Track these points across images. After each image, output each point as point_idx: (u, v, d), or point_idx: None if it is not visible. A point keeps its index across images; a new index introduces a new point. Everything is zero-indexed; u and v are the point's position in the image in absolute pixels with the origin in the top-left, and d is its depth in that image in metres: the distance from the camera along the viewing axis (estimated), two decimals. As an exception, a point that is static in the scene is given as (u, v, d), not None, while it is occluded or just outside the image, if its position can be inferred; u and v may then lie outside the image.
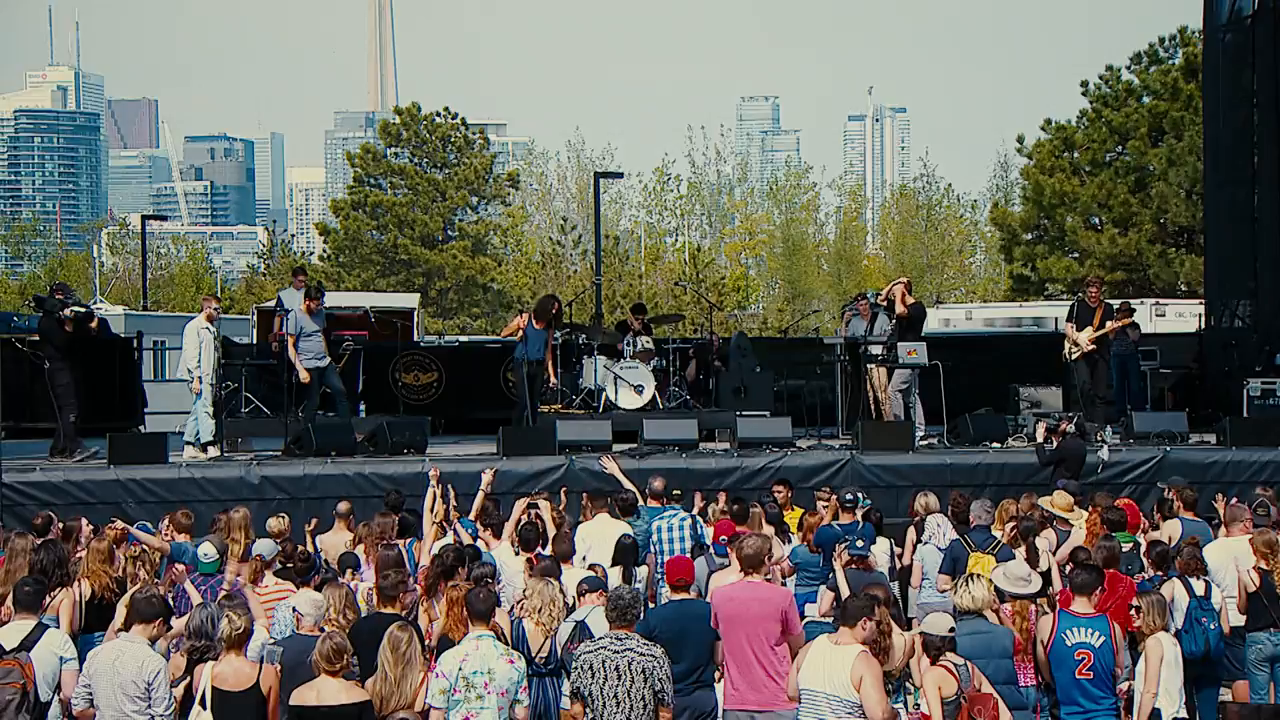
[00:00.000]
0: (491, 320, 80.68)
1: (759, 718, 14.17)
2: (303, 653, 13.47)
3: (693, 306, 63.30)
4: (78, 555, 17.97)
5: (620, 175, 70.15)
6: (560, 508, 21.20)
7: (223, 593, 16.21)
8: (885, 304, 28.18)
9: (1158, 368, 32.05)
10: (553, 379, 28.33)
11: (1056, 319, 41.75)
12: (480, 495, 19.78)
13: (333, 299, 39.91)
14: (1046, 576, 17.95)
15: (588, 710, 12.99)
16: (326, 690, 12.82)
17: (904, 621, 16.45)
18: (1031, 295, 62.13)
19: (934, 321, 50.62)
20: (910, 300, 27.68)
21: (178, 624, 15.09)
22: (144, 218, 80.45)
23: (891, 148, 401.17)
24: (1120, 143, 60.95)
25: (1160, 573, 17.34)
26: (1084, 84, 63.23)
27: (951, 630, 13.47)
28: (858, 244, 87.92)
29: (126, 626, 13.87)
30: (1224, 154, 34.45)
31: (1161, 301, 48.86)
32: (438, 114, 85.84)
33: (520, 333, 27.50)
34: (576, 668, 13.15)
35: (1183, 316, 45.46)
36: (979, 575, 14.84)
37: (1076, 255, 60.99)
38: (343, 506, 21.25)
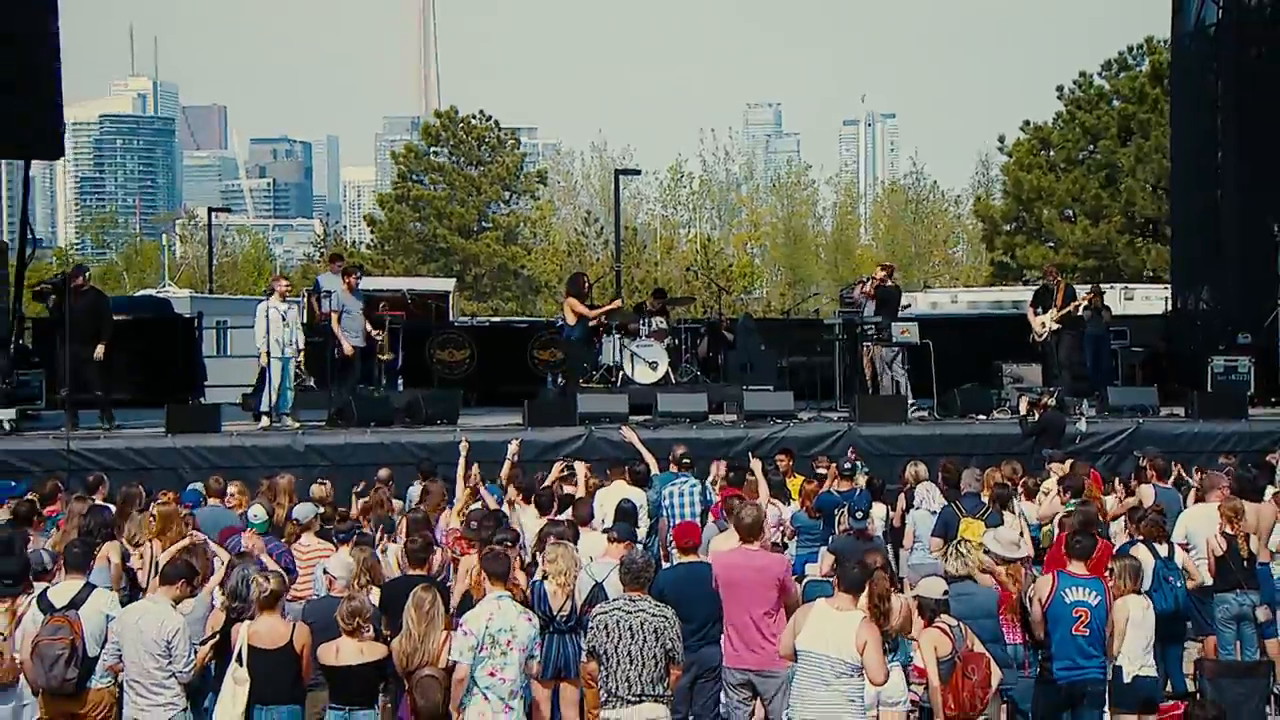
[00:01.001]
0: (521, 303, 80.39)
1: (755, 677, 13.63)
2: (332, 612, 12.84)
3: (703, 291, 62.85)
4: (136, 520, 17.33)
5: (639, 172, 69.78)
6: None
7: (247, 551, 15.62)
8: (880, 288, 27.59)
9: (1128, 346, 31.46)
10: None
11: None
12: (508, 464, 19.10)
13: (374, 283, 39.62)
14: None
15: (603, 668, 12.40)
16: (345, 649, 12.41)
17: (896, 583, 15.81)
18: (1010, 280, 61.77)
19: (923, 304, 50.48)
20: (889, 284, 27.41)
21: (210, 583, 14.46)
22: (210, 210, 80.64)
23: (881, 149, 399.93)
24: (1092, 142, 60.88)
25: (1138, 536, 16.69)
26: (1059, 89, 63.40)
27: (945, 594, 12.88)
28: (852, 235, 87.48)
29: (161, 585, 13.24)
30: (1190, 153, 34.01)
31: (1130, 286, 48.61)
32: (474, 117, 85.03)
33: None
34: (592, 628, 12.58)
35: (1149, 300, 45.15)
36: (967, 541, 14.16)
37: (1052, 244, 60.99)
38: (383, 473, 20.76)
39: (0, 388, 23.81)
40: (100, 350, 24.50)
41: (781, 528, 19.24)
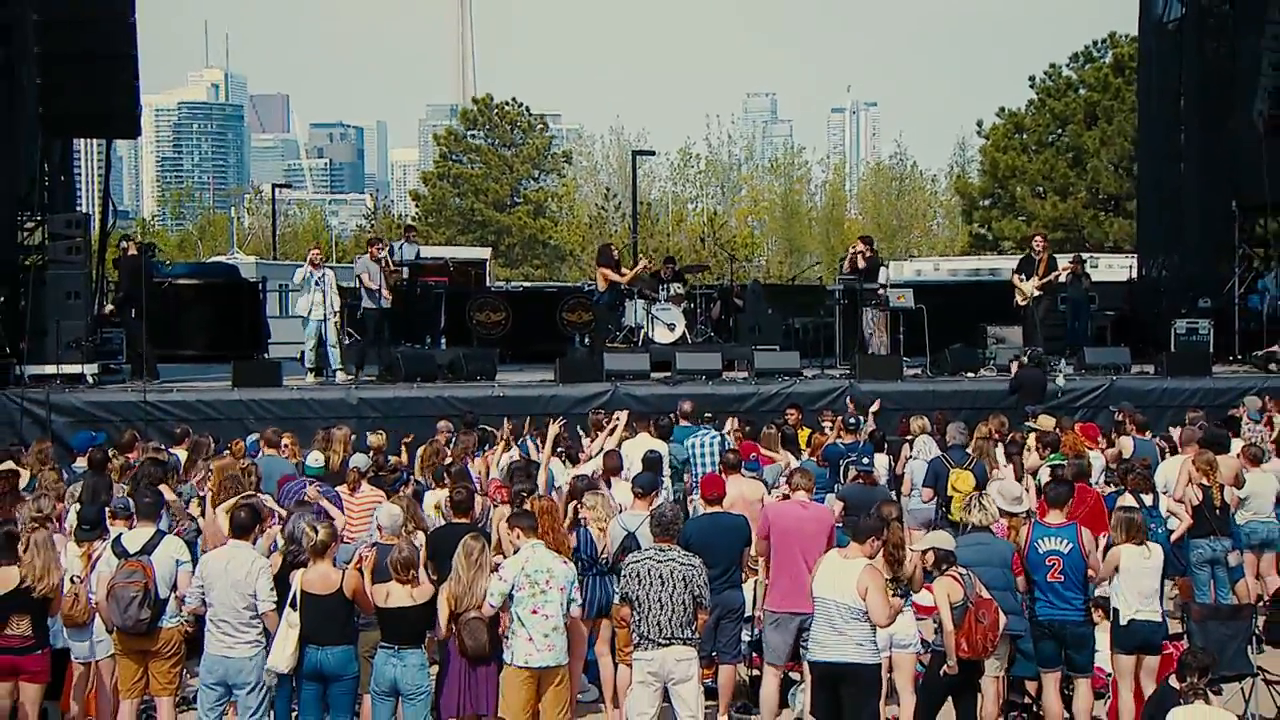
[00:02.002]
0: (549, 270, 79.90)
1: (807, 619, 12.69)
2: (383, 559, 12.21)
3: (712, 259, 62.38)
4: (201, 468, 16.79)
5: (653, 153, 69.36)
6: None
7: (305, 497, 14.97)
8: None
9: (1096, 310, 30.67)
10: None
11: (1012, 269, 40.53)
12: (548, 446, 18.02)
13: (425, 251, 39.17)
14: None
15: (635, 613, 11.75)
16: (394, 593, 11.86)
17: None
18: (986, 251, 61.01)
19: (908, 272, 49.98)
20: (870, 254, 26.79)
21: (271, 531, 13.84)
22: (274, 187, 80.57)
23: (865, 134, 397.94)
24: (1061, 126, 60.53)
25: (1122, 485, 16.13)
26: (1031, 78, 62.74)
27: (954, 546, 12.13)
28: (841, 210, 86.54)
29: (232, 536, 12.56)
30: (1155, 134, 33.22)
31: (1094, 256, 47.64)
32: (507, 103, 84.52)
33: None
34: (625, 576, 11.94)
35: (1112, 268, 44.45)
36: (985, 494, 13.40)
37: (1024, 218, 60.28)
38: (443, 424, 20.03)
39: (84, 345, 23.11)
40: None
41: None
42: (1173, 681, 11.11)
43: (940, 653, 11.84)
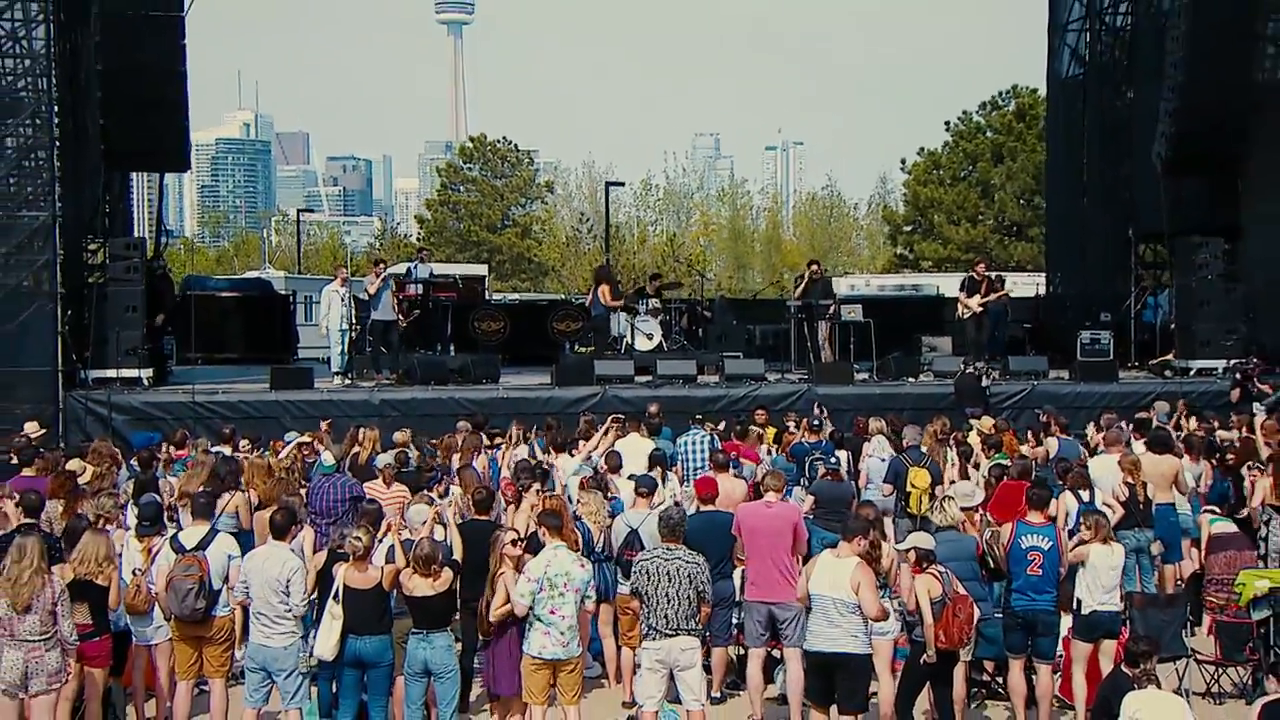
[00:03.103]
0: (535, 283, 79.01)
1: (775, 608, 12.16)
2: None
3: (673, 274, 61.61)
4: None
5: (621, 184, 68.26)
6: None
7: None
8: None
9: (1010, 321, 30.11)
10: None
11: (937, 286, 40.07)
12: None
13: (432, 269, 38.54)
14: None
15: (644, 606, 11.04)
16: (416, 585, 11.16)
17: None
18: (906, 270, 60.42)
19: (843, 287, 49.11)
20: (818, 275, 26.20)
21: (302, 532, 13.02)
22: (298, 211, 79.77)
23: (794, 168, 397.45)
24: (972, 164, 59.98)
25: (1062, 482, 15.33)
26: (946, 123, 62.33)
27: (934, 545, 11.38)
28: (779, 232, 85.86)
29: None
30: (1061, 171, 32.96)
31: (1001, 275, 47.14)
32: (498, 141, 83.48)
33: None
34: (635, 572, 11.22)
35: (1016, 285, 43.69)
36: (951, 497, 12.66)
37: (941, 242, 59.63)
38: (462, 424, 19.14)
39: (140, 352, 22.30)
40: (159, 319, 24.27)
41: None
42: (1124, 668, 10.43)
43: (920, 643, 11.10)
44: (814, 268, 26.49)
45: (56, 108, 20.70)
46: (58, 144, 20.74)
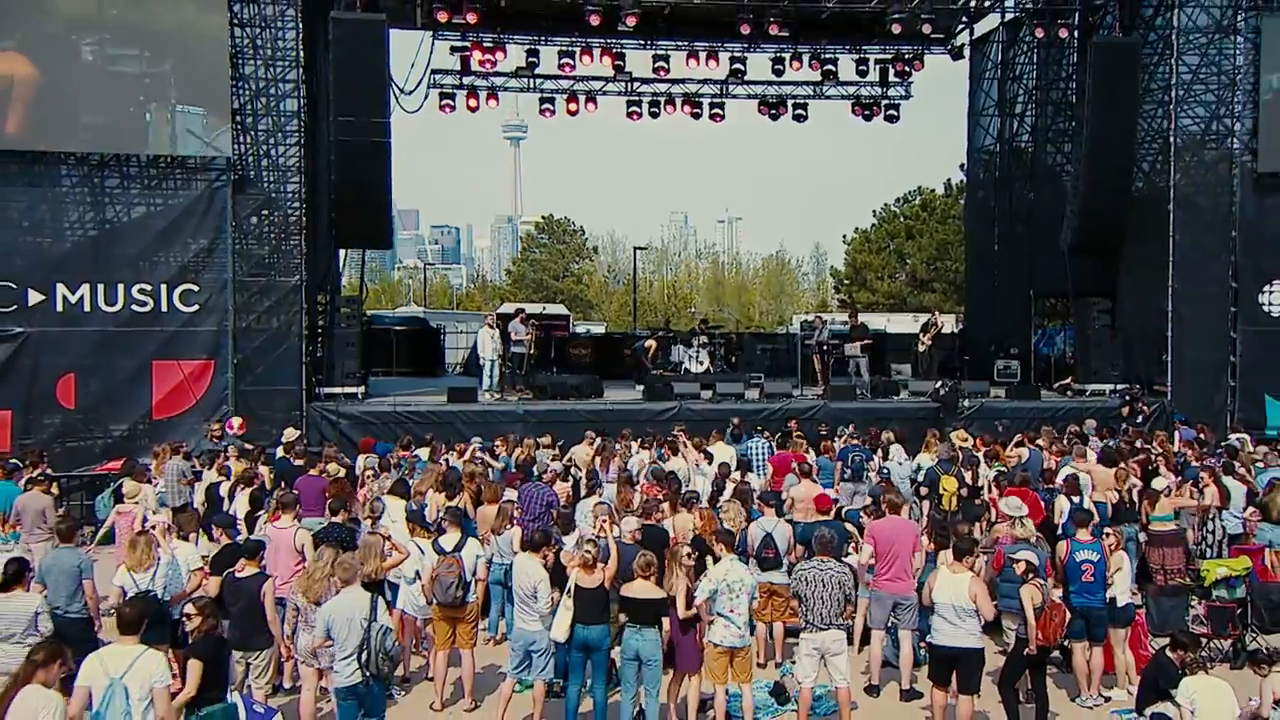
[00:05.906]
0: (584, 314, 77.26)
1: (899, 599, 10.64)
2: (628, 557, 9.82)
3: (715, 315, 59.60)
4: (430, 470, 14.02)
5: (645, 248, 66.84)
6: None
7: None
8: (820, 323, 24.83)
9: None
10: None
11: (884, 324, 38.41)
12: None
13: (535, 309, 37.21)
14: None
15: (803, 605, 9.52)
16: (636, 588, 9.61)
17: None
18: (847, 309, 58.81)
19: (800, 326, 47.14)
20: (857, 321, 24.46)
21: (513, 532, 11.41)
22: (425, 264, 78.25)
23: (735, 238, 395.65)
24: (892, 239, 57.97)
25: (1061, 489, 13.68)
26: (874, 211, 60.35)
27: (1036, 560, 9.82)
28: (744, 280, 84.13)
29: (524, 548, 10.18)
30: (978, 243, 30.86)
31: (917, 316, 45.63)
32: (560, 219, 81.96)
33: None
34: (795, 579, 9.67)
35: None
36: (1026, 515, 11.07)
37: (870, 290, 57.85)
38: (589, 432, 17.36)
39: (356, 374, 20.77)
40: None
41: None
42: (1169, 653, 8.91)
43: (1024, 640, 9.56)
44: (849, 314, 24.79)
45: (305, 206, 19.49)
46: (305, 230, 19.50)
